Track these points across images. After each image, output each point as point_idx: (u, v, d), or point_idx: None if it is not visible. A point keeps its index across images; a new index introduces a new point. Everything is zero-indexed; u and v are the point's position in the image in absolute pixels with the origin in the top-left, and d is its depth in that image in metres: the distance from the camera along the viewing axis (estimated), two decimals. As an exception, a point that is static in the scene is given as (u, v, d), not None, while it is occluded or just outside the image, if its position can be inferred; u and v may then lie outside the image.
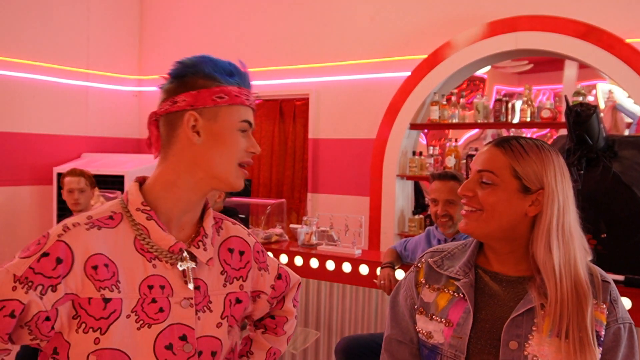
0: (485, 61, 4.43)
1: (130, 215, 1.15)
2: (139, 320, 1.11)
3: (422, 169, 4.56)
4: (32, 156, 5.47)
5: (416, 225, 4.59)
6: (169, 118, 1.17)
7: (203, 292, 1.20)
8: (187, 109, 1.15)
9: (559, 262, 1.24)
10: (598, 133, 2.14)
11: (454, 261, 1.39)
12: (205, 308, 1.19)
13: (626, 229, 2.16)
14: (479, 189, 1.31)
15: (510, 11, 4.19)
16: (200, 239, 1.21)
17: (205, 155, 1.16)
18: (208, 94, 1.15)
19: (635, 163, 2.14)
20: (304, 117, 5.54)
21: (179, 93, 1.16)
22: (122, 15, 6.28)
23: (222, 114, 1.17)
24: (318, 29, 5.28)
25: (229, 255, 1.28)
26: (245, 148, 1.20)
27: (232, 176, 1.19)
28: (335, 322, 3.44)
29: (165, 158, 1.19)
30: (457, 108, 4.47)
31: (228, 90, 1.17)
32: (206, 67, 1.16)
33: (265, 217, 3.95)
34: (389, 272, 2.98)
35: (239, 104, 1.19)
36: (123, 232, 1.14)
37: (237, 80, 1.19)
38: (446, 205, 2.84)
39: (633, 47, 3.71)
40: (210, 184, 1.19)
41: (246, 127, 1.20)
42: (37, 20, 5.46)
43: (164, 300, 1.14)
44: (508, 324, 1.25)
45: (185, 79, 1.16)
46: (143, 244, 1.14)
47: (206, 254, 1.21)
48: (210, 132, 1.16)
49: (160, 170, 1.19)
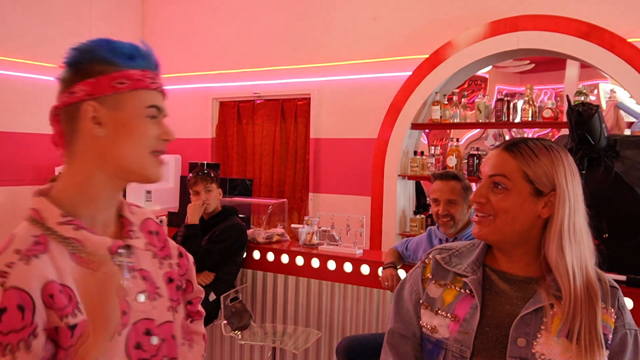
0: (487, 61, 4.43)
1: (53, 232, 1.03)
2: None
3: (424, 168, 4.56)
4: (33, 156, 5.47)
5: (417, 225, 4.59)
6: (68, 111, 1.06)
7: (150, 280, 1.15)
8: (85, 99, 1.04)
9: (571, 262, 1.25)
10: (600, 133, 2.13)
11: (461, 259, 1.40)
12: (156, 295, 1.15)
13: (628, 229, 2.15)
14: (492, 194, 1.30)
15: (511, 11, 4.19)
16: (130, 229, 1.15)
17: (113, 148, 1.06)
18: (107, 80, 1.04)
19: (637, 163, 2.14)
20: (305, 116, 5.54)
21: (76, 82, 1.05)
22: (123, 16, 6.29)
23: (125, 100, 1.06)
24: (319, 28, 5.28)
25: (153, 238, 1.22)
26: (156, 135, 1.09)
27: (146, 167, 1.09)
28: (336, 322, 3.44)
29: (71, 157, 1.09)
30: (459, 108, 4.47)
31: (129, 74, 1.06)
32: (103, 51, 1.05)
33: (266, 217, 3.95)
34: (392, 272, 2.98)
35: (143, 88, 1.07)
36: (57, 252, 1.02)
37: (140, 63, 1.08)
38: (447, 205, 2.84)
39: (635, 47, 3.70)
40: (125, 178, 1.11)
41: (154, 113, 1.09)
42: (39, 20, 5.47)
43: (123, 303, 1.07)
44: (518, 321, 1.25)
45: (82, 66, 1.05)
46: (82, 257, 1.04)
47: (140, 241, 1.16)
48: (114, 122, 1.05)
49: (69, 172, 1.09)
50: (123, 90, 1.05)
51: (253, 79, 5.68)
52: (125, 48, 1.08)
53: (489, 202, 1.30)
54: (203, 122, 6.11)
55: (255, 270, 3.69)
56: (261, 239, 3.73)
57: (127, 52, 1.07)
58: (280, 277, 3.60)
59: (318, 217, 3.86)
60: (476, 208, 1.33)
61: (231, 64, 5.85)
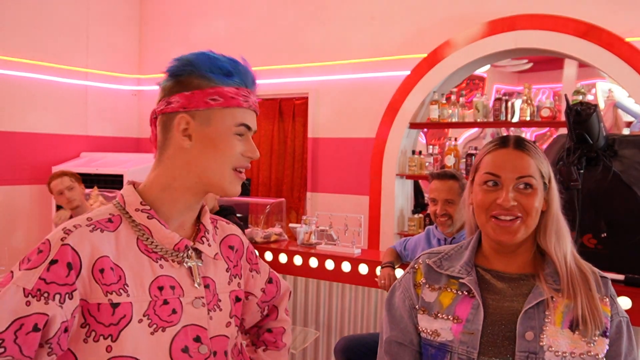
0: (485, 60, 4.43)
1: (129, 217, 1.10)
2: (152, 325, 1.06)
3: (422, 168, 4.56)
4: (31, 155, 5.46)
5: (416, 224, 4.59)
6: (164, 119, 1.12)
7: (212, 291, 1.16)
8: (179, 110, 1.09)
9: (564, 248, 1.32)
10: (598, 132, 2.13)
11: (452, 262, 1.40)
12: (215, 307, 1.15)
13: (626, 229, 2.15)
14: (520, 196, 1.30)
15: (509, 10, 4.19)
16: (203, 234, 1.17)
17: (198, 160, 1.11)
18: (201, 95, 1.09)
19: (635, 162, 2.14)
20: (303, 116, 5.54)
21: (173, 93, 1.10)
22: (121, 14, 6.28)
23: (215, 117, 1.10)
24: (317, 28, 5.28)
25: (231, 253, 1.25)
26: (241, 152, 1.13)
27: (225, 182, 1.13)
28: (334, 321, 3.43)
29: (161, 160, 1.14)
30: (457, 107, 4.47)
31: (223, 92, 1.10)
32: (202, 66, 1.10)
33: (264, 217, 3.95)
34: (389, 272, 2.97)
35: (235, 106, 1.11)
36: (124, 234, 1.08)
37: (236, 81, 1.12)
38: (445, 204, 2.83)
39: (633, 46, 3.71)
40: (205, 189, 1.15)
41: (243, 131, 1.13)
42: (37, 19, 5.45)
43: (175, 302, 1.09)
44: (522, 315, 1.26)
45: (181, 78, 1.10)
46: (147, 245, 1.09)
47: (211, 249, 1.18)
48: (203, 136, 1.10)
49: (157, 174, 1.15)
50: (215, 107, 1.09)
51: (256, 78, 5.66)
52: (223, 64, 1.11)
53: (519, 203, 1.30)
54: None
55: (253, 270, 3.68)
56: (259, 238, 3.72)
57: (224, 69, 1.11)
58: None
59: (316, 216, 3.85)
60: (504, 213, 1.30)
61: (229, 63, 5.83)
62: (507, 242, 1.31)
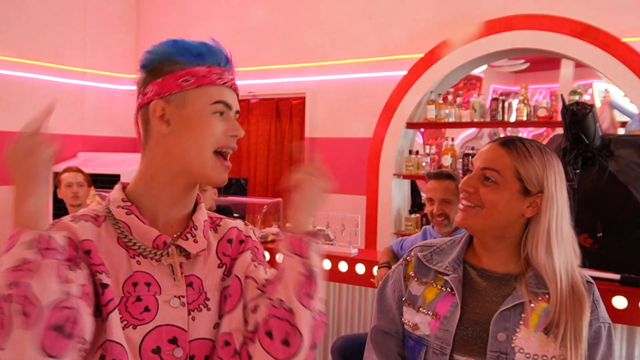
0: (482, 60, 4.43)
1: (111, 214, 1.08)
2: (123, 320, 1.01)
3: (419, 167, 4.56)
4: (27, 155, 5.44)
5: (413, 224, 4.59)
6: (142, 112, 1.11)
7: (197, 289, 1.09)
8: (153, 98, 1.07)
9: (559, 263, 1.29)
10: (594, 132, 2.14)
11: (443, 256, 1.43)
12: (201, 306, 1.08)
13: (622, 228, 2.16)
14: (481, 185, 1.32)
15: (506, 10, 4.19)
16: (189, 231, 1.11)
17: (177, 145, 1.07)
18: (173, 79, 1.06)
19: (631, 162, 2.14)
20: (300, 116, 5.54)
21: (147, 84, 1.09)
22: (118, 14, 6.27)
23: (190, 98, 1.07)
24: (315, 28, 5.28)
25: (228, 246, 1.17)
26: (222, 132, 1.08)
27: (207, 167, 1.08)
28: (331, 321, 3.43)
29: (144, 155, 1.12)
30: (454, 107, 4.47)
31: (195, 72, 1.07)
32: (169, 51, 1.08)
33: (261, 216, 3.95)
34: (386, 272, 2.97)
35: (208, 83, 1.07)
36: (105, 232, 1.06)
37: (207, 60, 1.09)
38: (442, 204, 2.84)
39: (629, 46, 3.72)
40: (188, 177, 1.09)
41: (222, 109, 1.09)
42: (33, 18, 5.44)
43: (150, 299, 1.03)
44: (497, 316, 1.29)
45: (152, 68, 1.09)
46: (125, 242, 1.06)
47: (196, 245, 1.11)
48: (180, 119, 1.07)
49: (140, 168, 1.12)
50: (188, 88, 1.07)
51: (248, 78, 5.67)
52: (192, 46, 1.09)
53: (477, 192, 1.33)
54: (198, 122, 6.09)
55: (250, 270, 3.68)
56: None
57: (193, 50, 1.09)
58: (275, 276, 3.59)
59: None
60: (463, 197, 1.36)
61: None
62: (463, 227, 1.36)
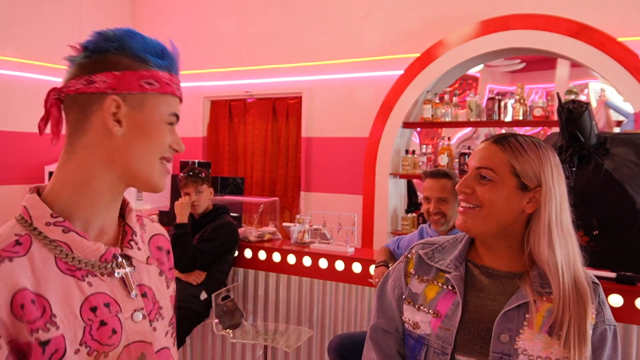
0: (478, 60, 4.44)
1: (40, 233, 0.93)
2: (92, 352, 0.92)
3: (415, 167, 4.57)
4: (23, 155, 5.43)
5: (409, 223, 4.60)
6: (81, 100, 0.96)
7: (151, 299, 1.03)
8: (107, 92, 0.94)
9: (561, 258, 1.26)
10: (590, 130, 2.14)
11: (444, 254, 1.40)
12: (157, 316, 1.03)
13: (618, 226, 2.16)
14: (478, 185, 1.31)
15: (502, 10, 4.20)
16: (130, 237, 1.04)
17: (125, 149, 0.97)
18: (135, 77, 0.96)
19: (626, 160, 2.15)
20: (297, 115, 5.54)
21: (97, 71, 0.95)
22: (114, 13, 6.26)
23: (149, 103, 0.98)
24: (311, 27, 5.28)
25: (160, 254, 1.12)
26: (169, 143, 1.02)
27: (154, 175, 1.00)
28: (328, 320, 3.43)
29: (72, 151, 0.97)
30: (450, 106, 4.48)
31: (159, 76, 0.98)
32: (134, 45, 0.97)
33: (257, 216, 3.94)
34: (383, 271, 2.97)
35: (170, 93, 1.00)
36: (39, 256, 0.91)
37: (168, 65, 1.01)
38: (439, 203, 2.84)
39: (624, 46, 3.73)
40: (128, 183, 1.01)
41: (173, 121, 1.02)
42: (28, 17, 5.43)
43: (114, 320, 0.95)
44: (500, 317, 1.26)
45: (107, 56, 0.95)
46: (67, 262, 0.93)
47: (142, 253, 1.05)
48: (134, 122, 0.97)
49: (68, 169, 0.97)
50: (150, 92, 0.97)
51: (244, 78, 5.67)
52: (156, 46, 1.00)
53: (474, 192, 1.31)
54: (194, 121, 6.09)
55: (247, 269, 3.68)
56: (253, 237, 3.72)
57: (158, 51, 1.00)
58: (272, 275, 3.60)
59: (309, 215, 3.85)
60: (461, 198, 1.34)
61: (222, 62, 5.83)
62: (464, 230, 1.33)
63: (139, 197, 5.27)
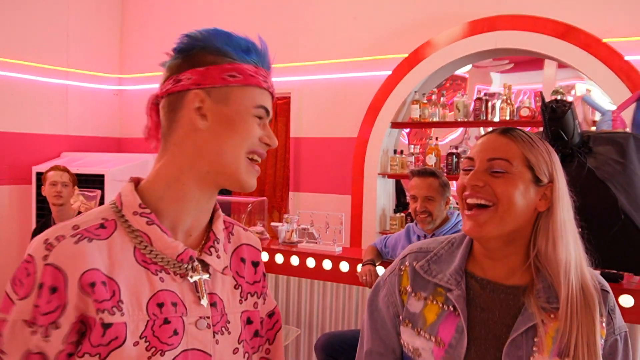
0: (466, 60, 4.47)
1: (125, 221, 0.95)
2: (150, 348, 0.91)
3: (404, 167, 4.59)
4: (10, 155, 5.40)
5: (397, 223, 4.61)
6: (171, 99, 0.98)
7: (220, 310, 1.01)
8: (192, 87, 0.96)
9: (572, 261, 1.17)
10: (573, 129, 2.16)
11: (441, 265, 1.27)
12: (223, 329, 1.00)
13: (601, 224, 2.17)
14: (491, 179, 1.17)
15: (490, 11, 4.23)
16: (212, 244, 1.02)
17: (212, 143, 0.97)
18: (218, 71, 0.96)
19: (609, 159, 2.16)
20: (285, 115, 5.54)
21: (183, 70, 0.97)
22: (102, 12, 6.23)
23: (234, 95, 0.97)
24: (299, 27, 5.28)
25: (242, 266, 1.09)
26: (259, 137, 0.99)
27: (241, 171, 0.98)
28: (316, 319, 3.44)
29: (166, 148, 0.99)
30: (438, 107, 4.50)
31: (242, 69, 0.98)
32: (217, 41, 0.98)
33: (246, 215, 3.94)
34: (370, 268, 2.99)
35: (255, 85, 0.99)
36: (119, 242, 0.94)
37: (254, 58, 1.01)
38: (425, 201, 2.86)
39: (609, 47, 3.76)
40: (217, 180, 0.99)
41: (262, 114, 1.00)
42: (15, 16, 5.39)
43: (177, 321, 0.94)
44: (509, 345, 1.15)
45: (192, 54, 0.98)
46: (145, 254, 0.95)
47: (220, 261, 1.02)
48: (219, 115, 0.96)
49: (161, 164, 0.99)
50: (233, 84, 0.97)
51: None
52: (242, 41, 1.00)
53: (486, 185, 1.17)
54: (183, 121, 6.07)
55: (235, 269, 3.68)
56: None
57: (243, 45, 0.99)
58: (260, 275, 3.60)
59: (297, 215, 3.86)
60: (471, 194, 1.18)
61: (211, 62, 5.82)
62: (477, 235, 1.19)
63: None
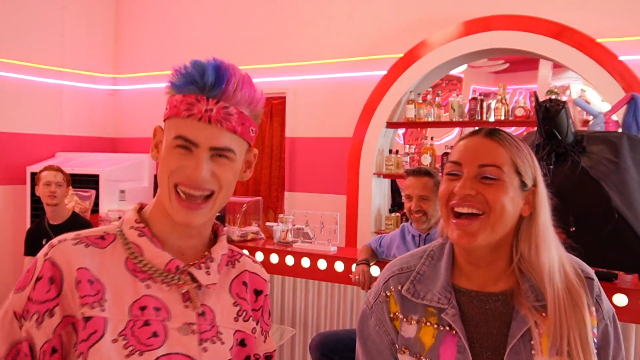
0: (461, 60, 4.47)
1: (122, 235, 1.04)
2: (129, 346, 0.96)
3: (399, 167, 4.59)
4: (5, 155, 5.38)
5: (392, 223, 4.61)
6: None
7: (210, 321, 1.04)
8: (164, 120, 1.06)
9: (555, 263, 1.16)
10: (567, 128, 2.16)
11: (427, 284, 1.23)
12: (215, 339, 1.04)
13: (594, 223, 2.18)
14: (482, 186, 1.14)
15: (485, 11, 4.23)
16: (204, 261, 1.06)
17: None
18: (167, 104, 1.05)
19: (603, 158, 2.17)
20: (281, 115, 5.54)
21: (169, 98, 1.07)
22: (97, 12, 6.22)
23: (166, 127, 1.04)
24: (295, 27, 5.28)
25: (243, 289, 1.13)
26: (177, 168, 1.00)
27: (166, 202, 1.02)
28: (310, 319, 3.44)
29: None
30: (433, 107, 4.50)
31: (170, 100, 1.03)
32: (173, 75, 1.03)
33: (241, 215, 3.94)
34: (364, 268, 2.99)
35: (173, 115, 1.01)
36: (113, 252, 1.02)
37: (190, 88, 1.00)
38: (420, 201, 2.86)
39: (603, 47, 3.77)
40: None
41: (183, 144, 0.99)
42: (10, 16, 5.37)
43: (158, 324, 0.99)
44: (509, 354, 1.14)
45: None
46: (136, 264, 1.01)
47: (208, 277, 1.05)
48: (163, 147, 1.04)
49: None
50: (166, 117, 1.04)
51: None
52: (189, 71, 1.01)
53: (479, 194, 1.14)
54: (178, 121, 6.06)
55: (230, 269, 3.68)
56: (236, 237, 3.72)
57: (188, 76, 1.00)
58: (255, 275, 3.59)
59: (292, 215, 3.86)
60: (460, 203, 1.15)
61: (207, 62, 5.81)
62: (467, 245, 1.16)
63: (122, 198, 5.25)
